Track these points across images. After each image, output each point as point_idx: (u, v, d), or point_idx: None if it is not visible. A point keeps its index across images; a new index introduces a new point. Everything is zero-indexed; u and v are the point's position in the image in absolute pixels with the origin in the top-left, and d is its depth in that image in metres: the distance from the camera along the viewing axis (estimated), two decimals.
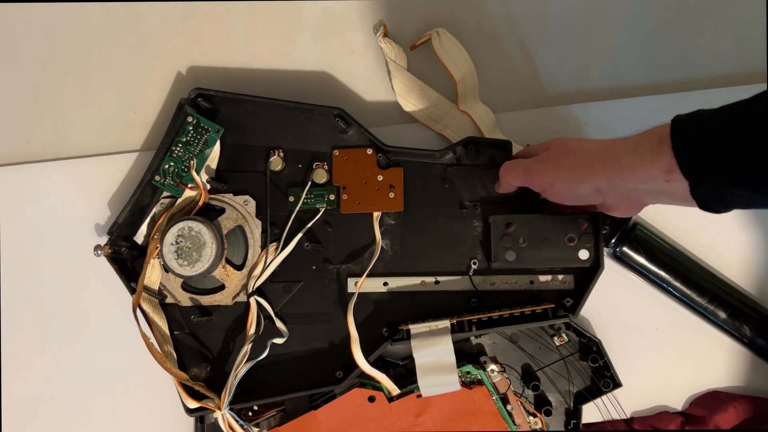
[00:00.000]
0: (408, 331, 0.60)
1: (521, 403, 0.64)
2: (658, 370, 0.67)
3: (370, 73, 0.73)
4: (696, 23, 0.71)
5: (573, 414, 0.64)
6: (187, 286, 0.66)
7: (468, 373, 0.64)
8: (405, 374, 0.65)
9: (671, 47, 0.71)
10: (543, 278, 0.62)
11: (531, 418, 0.64)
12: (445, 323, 0.60)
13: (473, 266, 0.63)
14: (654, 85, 0.71)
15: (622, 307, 0.68)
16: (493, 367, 0.64)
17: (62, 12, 0.74)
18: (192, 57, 0.74)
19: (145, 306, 0.64)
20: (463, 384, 0.64)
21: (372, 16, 0.73)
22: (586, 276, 0.61)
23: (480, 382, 0.64)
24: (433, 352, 0.59)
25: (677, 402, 0.67)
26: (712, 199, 0.46)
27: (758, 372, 0.66)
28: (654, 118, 0.65)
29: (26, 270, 0.72)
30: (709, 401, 0.66)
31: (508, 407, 0.64)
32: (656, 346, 0.68)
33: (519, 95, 0.71)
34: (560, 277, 0.62)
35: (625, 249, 0.64)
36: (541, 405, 0.64)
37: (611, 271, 0.68)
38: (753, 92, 0.57)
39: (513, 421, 0.64)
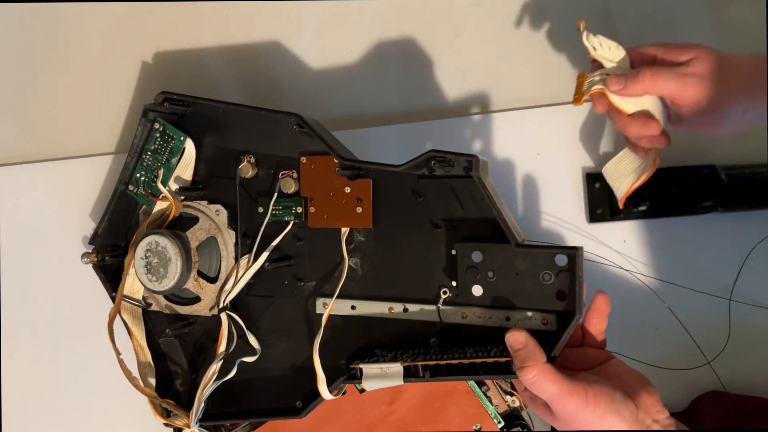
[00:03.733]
0: (361, 370, 0.55)
1: (497, 383, 0.63)
2: (657, 371, 0.64)
3: (369, 73, 0.71)
4: (695, 23, 0.68)
5: None
6: (168, 294, 0.65)
7: None
8: None
9: None
10: (521, 315, 0.53)
11: (508, 397, 0.63)
12: (398, 367, 0.53)
13: (443, 296, 0.56)
14: None
15: (622, 307, 0.63)
16: None
17: (60, 12, 0.73)
18: (192, 57, 0.73)
19: (126, 316, 0.64)
20: None
21: (372, 16, 0.71)
22: (563, 321, 0.51)
23: None
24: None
25: (678, 402, 0.65)
26: None
27: (758, 371, 0.65)
28: None
29: (22, 271, 0.74)
30: (709, 401, 0.64)
31: (484, 389, 0.62)
32: (656, 346, 0.65)
33: (517, 94, 0.70)
34: (541, 316, 0.53)
35: None
36: None
37: (611, 271, 0.66)
38: None
39: (491, 402, 0.62)
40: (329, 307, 0.58)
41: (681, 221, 0.65)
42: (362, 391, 0.62)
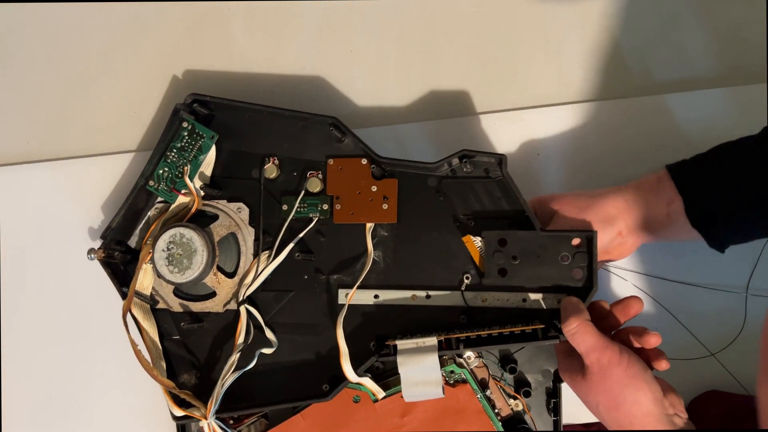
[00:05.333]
0: (395, 346, 0.59)
1: (501, 387, 0.64)
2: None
3: (369, 73, 0.73)
4: (694, 23, 0.71)
5: (553, 393, 0.64)
6: (179, 291, 0.66)
7: (452, 372, 0.64)
8: (383, 369, 0.65)
9: (669, 47, 0.72)
10: (536, 296, 0.61)
11: (511, 400, 0.64)
12: (433, 340, 0.59)
13: (465, 281, 0.62)
14: (653, 85, 0.71)
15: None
16: (469, 353, 0.63)
17: (62, 12, 0.75)
18: (191, 57, 0.74)
19: (135, 312, 0.64)
20: (447, 383, 0.63)
21: (372, 16, 0.73)
22: (580, 296, 0.59)
23: (464, 381, 0.63)
24: (418, 369, 0.58)
25: None
26: (705, 219, 0.57)
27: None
28: (655, 118, 0.66)
29: (24, 271, 0.73)
30: (709, 401, 0.66)
31: (488, 392, 0.63)
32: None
33: (518, 94, 0.72)
34: (554, 296, 0.61)
35: None
36: (521, 386, 0.64)
37: (610, 272, 0.68)
38: (751, 92, 0.68)
39: (494, 406, 0.63)
40: (352, 291, 0.62)
41: None
42: (376, 400, 0.63)
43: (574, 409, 0.65)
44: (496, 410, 0.64)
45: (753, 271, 0.67)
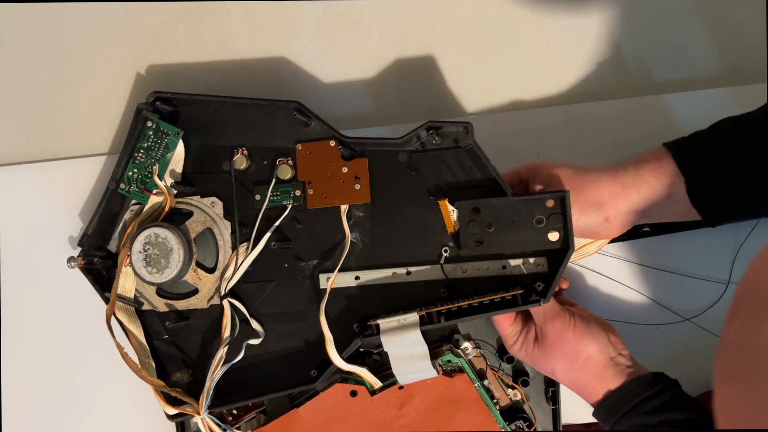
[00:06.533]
0: (377, 326, 0.59)
1: (499, 377, 0.64)
2: (657, 370, 0.63)
3: (369, 73, 0.73)
4: (694, 23, 0.71)
5: (551, 382, 0.64)
6: (162, 291, 0.66)
7: (449, 361, 0.63)
8: (380, 362, 0.65)
9: (669, 47, 0.72)
10: (515, 262, 0.60)
11: (510, 390, 0.64)
12: (414, 316, 0.58)
13: (444, 254, 0.62)
14: (653, 85, 0.71)
15: (622, 307, 0.67)
16: (467, 344, 0.64)
17: (44, 13, 0.74)
18: (189, 57, 0.74)
19: (120, 315, 0.64)
20: (444, 372, 0.63)
21: (372, 16, 0.73)
22: (557, 257, 0.59)
23: (461, 370, 0.63)
24: (403, 345, 0.58)
25: None
26: (707, 198, 0.57)
27: None
28: (655, 118, 0.66)
29: (18, 273, 0.73)
30: (710, 401, 0.65)
31: (486, 382, 0.63)
32: (655, 346, 0.67)
33: (518, 94, 0.72)
34: (533, 260, 0.60)
35: None
36: (519, 376, 0.64)
37: (610, 269, 0.68)
38: (751, 92, 0.69)
39: (492, 396, 0.63)
40: (333, 275, 0.62)
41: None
42: (373, 393, 0.63)
43: (574, 408, 0.65)
44: (495, 400, 0.64)
45: (734, 259, 0.68)
